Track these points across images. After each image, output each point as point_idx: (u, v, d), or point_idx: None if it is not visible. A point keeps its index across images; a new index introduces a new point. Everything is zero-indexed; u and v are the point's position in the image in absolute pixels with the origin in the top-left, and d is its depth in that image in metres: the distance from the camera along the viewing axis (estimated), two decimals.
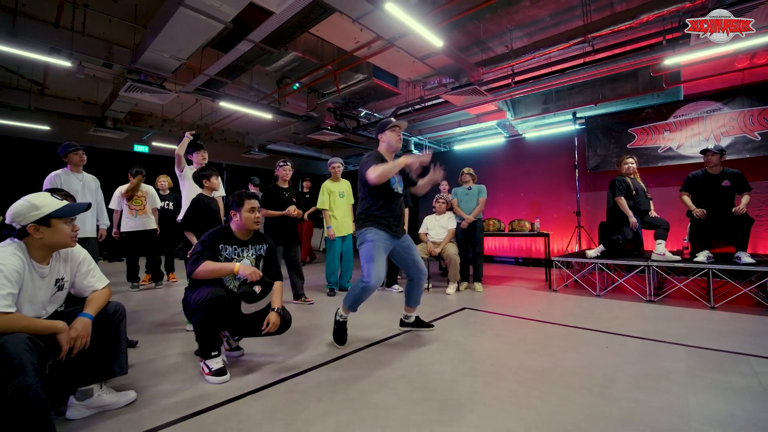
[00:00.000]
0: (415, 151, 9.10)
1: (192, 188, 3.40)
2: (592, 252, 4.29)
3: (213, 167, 3.22)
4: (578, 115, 6.55)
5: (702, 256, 3.66)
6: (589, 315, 3.32)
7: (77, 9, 4.49)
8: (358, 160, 2.75)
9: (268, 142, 9.44)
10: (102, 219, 3.58)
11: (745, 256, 3.49)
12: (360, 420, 1.58)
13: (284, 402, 1.75)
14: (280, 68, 5.61)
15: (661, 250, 3.85)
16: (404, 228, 4.36)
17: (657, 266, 3.87)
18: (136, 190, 4.55)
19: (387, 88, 5.96)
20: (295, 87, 6.24)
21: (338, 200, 4.30)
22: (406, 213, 4.52)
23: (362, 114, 7.57)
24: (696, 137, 5.53)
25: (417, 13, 3.69)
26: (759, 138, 5.08)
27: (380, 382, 1.96)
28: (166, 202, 5.19)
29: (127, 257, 4.64)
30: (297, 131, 8.33)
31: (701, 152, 3.92)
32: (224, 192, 3.56)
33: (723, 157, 3.76)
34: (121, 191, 4.54)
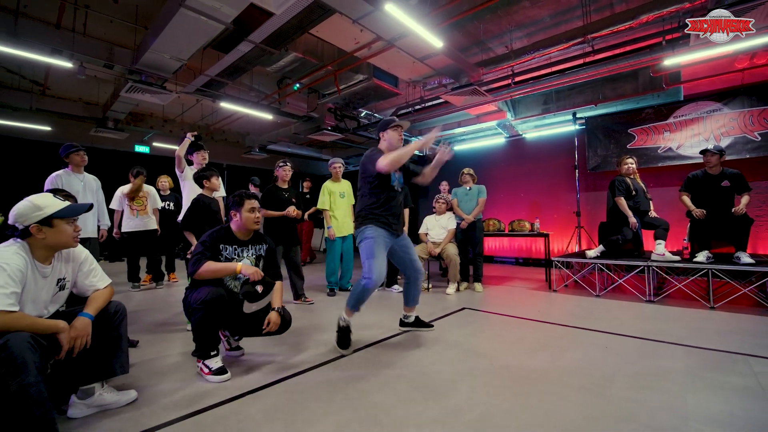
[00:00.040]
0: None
1: (192, 188, 3.41)
2: (592, 252, 4.30)
3: (213, 167, 3.24)
4: (578, 116, 6.56)
5: (701, 257, 3.66)
6: (589, 315, 3.33)
7: (78, 10, 4.50)
8: (359, 161, 2.74)
9: (269, 143, 9.46)
10: (103, 219, 3.59)
11: (745, 257, 3.49)
12: (359, 419, 1.59)
13: (284, 401, 1.76)
14: (281, 69, 5.62)
15: (661, 251, 3.85)
16: (404, 228, 4.42)
17: (657, 266, 3.87)
18: (139, 191, 4.56)
19: (387, 89, 5.97)
20: (296, 87, 6.26)
21: (339, 200, 4.31)
22: (407, 213, 4.54)
23: (362, 114, 7.58)
24: (696, 137, 5.54)
25: (417, 14, 3.69)
26: (759, 138, 5.08)
27: (380, 382, 1.96)
28: (167, 203, 5.21)
29: (128, 257, 4.65)
30: (297, 131, 8.34)
31: (701, 152, 3.93)
32: (225, 192, 3.58)
33: (722, 158, 3.77)
34: (123, 191, 4.56)
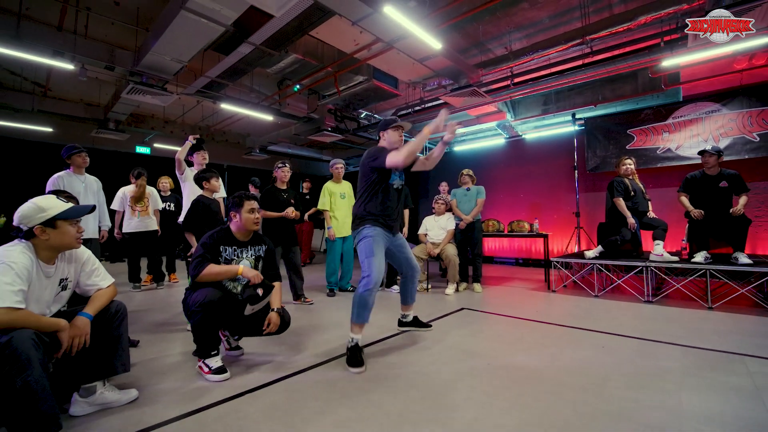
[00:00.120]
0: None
1: (193, 189, 3.44)
2: (591, 253, 4.31)
3: (214, 168, 3.26)
4: (578, 116, 6.58)
5: (700, 257, 3.67)
6: (587, 315, 3.34)
7: (80, 12, 4.54)
8: (359, 162, 2.74)
9: (269, 144, 9.49)
10: (104, 220, 3.61)
11: (743, 257, 3.51)
12: (357, 418, 1.61)
13: (283, 400, 1.78)
14: (281, 70, 5.65)
15: (659, 251, 3.87)
16: (404, 229, 4.43)
17: (655, 267, 3.88)
18: (144, 194, 4.60)
19: (387, 90, 6.00)
20: (296, 89, 6.29)
21: (339, 201, 4.33)
22: (407, 214, 4.56)
23: (362, 115, 7.61)
24: (695, 138, 5.55)
25: (416, 16, 3.72)
26: (758, 139, 5.09)
27: (378, 381, 1.98)
28: (168, 204, 5.23)
29: (129, 258, 4.67)
30: (298, 132, 8.38)
31: (699, 153, 3.95)
32: (225, 193, 3.60)
33: (720, 158, 3.78)
34: (125, 192, 4.58)
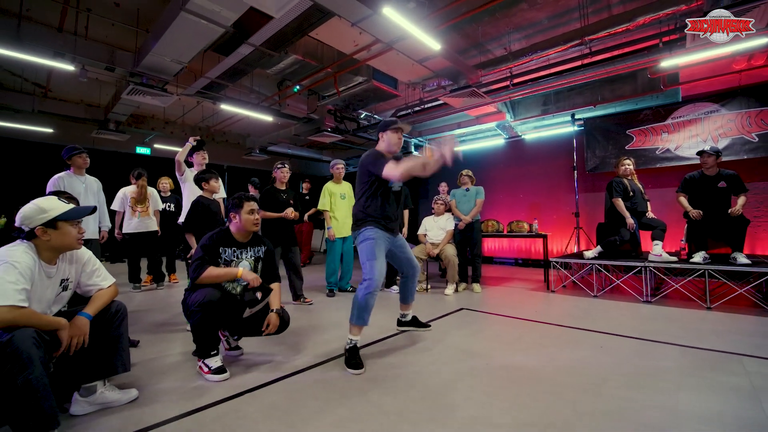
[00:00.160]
0: (416, 153, 9.14)
1: (193, 190, 3.45)
2: (590, 253, 4.32)
3: (213, 169, 3.27)
4: (577, 117, 6.59)
5: (698, 257, 3.68)
6: (586, 315, 3.35)
7: (80, 13, 4.56)
8: (359, 162, 2.73)
9: (269, 144, 9.50)
10: (103, 221, 3.62)
11: (741, 257, 3.52)
12: (356, 418, 1.62)
13: (282, 400, 1.79)
14: (281, 71, 5.66)
15: (658, 251, 3.88)
16: (404, 230, 4.44)
17: (654, 267, 3.89)
18: (146, 195, 4.62)
19: (386, 91, 6.01)
20: (296, 89, 6.30)
21: (339, 202, 4.34)
22: (406, 214, 4.57)
23: (362, 116, 7.62)
24: (694, 138, 5.56)
25: (415, 17, 3.73)
26: (756, 139, 5.10)
27: (376, 381, 1.99)
28: (168, 204, 5.24)
29: (129, 258, 4.68)
30: (298, 133, 8.39)
31: (697, 154, 3.96)
32: (225, 194, 3.61)
33: (719, 159, 3.79)
34: (125, 193, 4.59)
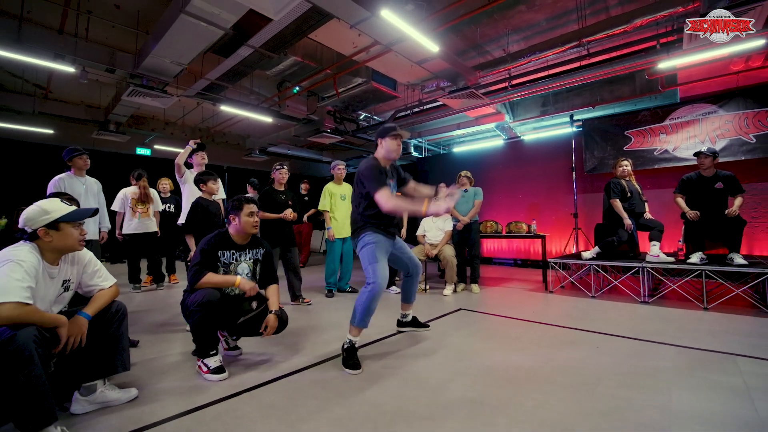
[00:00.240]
0: (414, 152, 9.16)
1: (192, 191, 3.47)
2: (588, 254, 4.33)
3: (212, 171, 3.28)
4: (575, 118, 6.60)
5: (695, 258, 3.69)
6: (584, 316, 3.37)
7: (81, 15, 4.58)
8: (358, 163, 2.76)
9: (269, 145, 9.52)
10: (103, 222, 3.65)
11: (738, 258, 3.53)
12: (351, 416, 1.64)
13: (280, 399, 1.81)
14: (280, 72, 5.68)
15: (656, 252, 3.89)
16: (402, 230, 4.46)
17: (651, 268, 3.91)
18: (149, 196, 4.65)
19: (386, 92, 6.03)
20: (295, 91, 6.33)
21: (339, 202, 4.36)
22: (406, 215, 4.59)
23: (361, 117, 7.65)
24: (692, 140, 5.58)
25: (413, 19, 3.75)
26: (754, 140, 5.11)
27: (374, 381, 2.01)
28: (168, 205, 5.26)
29: (129, 259, 4.70)
30: (297, 134, 8.42)
31: (694, 155, 3.97)
32: (225, 195, 3.63)
33: (716, 160, 3.80)
34: (125, 193, 4.61)
